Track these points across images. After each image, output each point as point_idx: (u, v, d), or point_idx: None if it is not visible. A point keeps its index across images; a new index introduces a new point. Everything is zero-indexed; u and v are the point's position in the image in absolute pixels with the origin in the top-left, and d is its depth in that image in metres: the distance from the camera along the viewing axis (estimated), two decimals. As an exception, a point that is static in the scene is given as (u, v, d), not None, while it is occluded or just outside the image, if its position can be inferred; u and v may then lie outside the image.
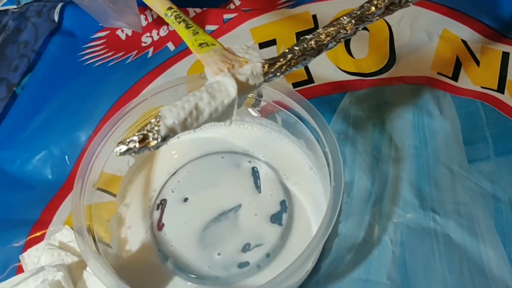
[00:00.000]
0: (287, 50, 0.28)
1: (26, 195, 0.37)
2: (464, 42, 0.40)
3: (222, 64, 0.27)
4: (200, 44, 0.28)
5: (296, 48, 0.28)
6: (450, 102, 0.38)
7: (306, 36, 0.28)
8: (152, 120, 0.25)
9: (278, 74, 0.28)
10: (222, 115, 0.26)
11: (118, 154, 0.24)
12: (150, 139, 0.24)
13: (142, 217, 0.35)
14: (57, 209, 0.36)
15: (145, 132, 0.24)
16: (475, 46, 0.40)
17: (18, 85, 0.42)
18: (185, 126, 0.25)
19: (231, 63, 0.27)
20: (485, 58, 0.40)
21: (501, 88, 0.38)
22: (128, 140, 0.24)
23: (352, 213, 0.34)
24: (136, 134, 0.24)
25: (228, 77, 0.26)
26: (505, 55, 0.39)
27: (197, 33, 0.29)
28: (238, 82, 0.26)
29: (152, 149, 0.25)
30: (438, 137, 0.37)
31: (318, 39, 0.28)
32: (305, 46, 0.28)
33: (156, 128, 0.24)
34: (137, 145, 0.24)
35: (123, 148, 0.24)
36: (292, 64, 0.28)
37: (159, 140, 0.24)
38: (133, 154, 0.24)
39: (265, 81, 0.27)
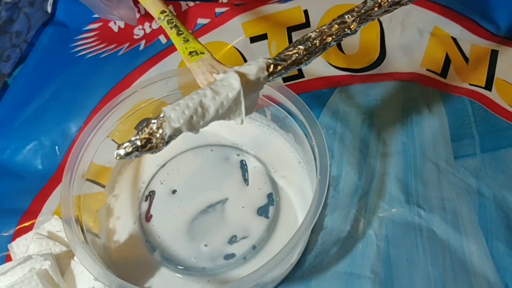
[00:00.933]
0: (291, 48, 0.27)
1: (16, 185, 0.37)
2: (454, 39, 0.40)
3: (210, 75, 0.27)
4: (190, 53, 0.29)
5: (301, 47, 0.27)
6: (439, 99, 0.38)
7: (310, 34, 0.28)
8: (154, 121, 0.23)
9: (283, 73, 0.27)
10: (230, 110, 0.26)
11: (118, 158, 0.22)
12: (154, 142, 0.23)
13: (130, 208, 0.35)
14: (46, 199, 0.36)
15: (147, 135, 0.23)
16: (464, 43, 0.40)
17: (9, 75, 0.42)
18: (191, 125, 0.24)
19: (218, 73, 0.27)
20: (474, 55, 0.40)
21: (488, 86, 0.39)
22: (129, 144, 0.22)
23: (338, 207, 0.34)
24: (138, 137, 0.23)
25: (231, 72, 0.26)
26: (494, 53, 0.40)
27: (188, 40, 0.29)
28: (242, 76, 0.26)
29: (154, 152, 0.23)
30: (426, 133, 0.37)
31: (322, 38, 0.27)
32: (310, 45, 0.27)
33: (161, 130, 0.23)
34: (140, 149, 0.23)
35: (122, 152, 0.23)
36: (297, 64, 0.27)
37: (163, 144, 0.23)
38: (133, 158, 0.23)
39: (270, 80, 0.27)
